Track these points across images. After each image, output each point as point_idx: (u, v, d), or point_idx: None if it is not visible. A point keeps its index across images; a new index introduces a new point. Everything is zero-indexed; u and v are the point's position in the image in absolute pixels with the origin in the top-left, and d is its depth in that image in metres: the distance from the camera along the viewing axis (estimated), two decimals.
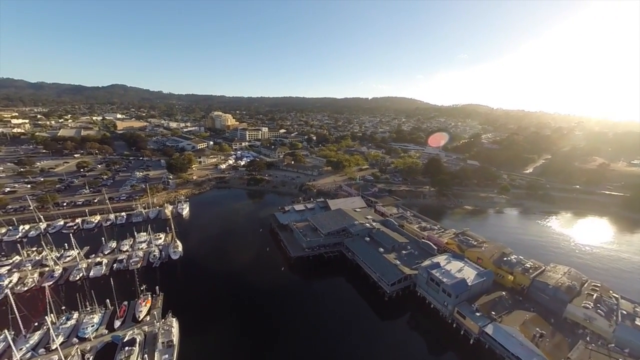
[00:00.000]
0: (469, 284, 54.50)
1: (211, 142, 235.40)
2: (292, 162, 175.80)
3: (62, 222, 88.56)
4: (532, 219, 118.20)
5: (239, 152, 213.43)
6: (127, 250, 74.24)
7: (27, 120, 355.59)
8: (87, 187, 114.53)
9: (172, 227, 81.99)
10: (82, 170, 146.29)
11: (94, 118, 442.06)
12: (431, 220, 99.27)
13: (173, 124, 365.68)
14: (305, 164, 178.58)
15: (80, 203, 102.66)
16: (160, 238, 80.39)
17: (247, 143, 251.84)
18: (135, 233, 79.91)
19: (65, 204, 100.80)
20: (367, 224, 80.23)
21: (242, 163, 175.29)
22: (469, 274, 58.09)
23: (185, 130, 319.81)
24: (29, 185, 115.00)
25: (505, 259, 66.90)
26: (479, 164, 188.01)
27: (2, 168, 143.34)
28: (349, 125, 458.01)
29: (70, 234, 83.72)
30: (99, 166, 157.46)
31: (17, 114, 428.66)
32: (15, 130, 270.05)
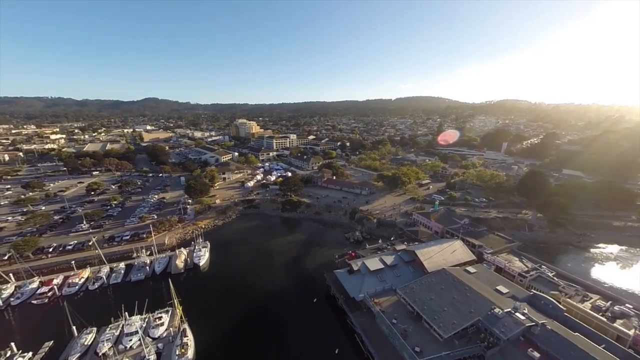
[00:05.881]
0: None
1: (236, 153, 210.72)
2: (333, 177, 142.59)
3: (36, 284, 62.25)
4: None
5: (267, 164, 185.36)
6: (103, 355, 44.53)
7: (63, 135, 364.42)
8: (84, 221, 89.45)
9: (181, 315, 51.39)
10: (92, 193, 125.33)
11: (125, 130, 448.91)
12: (587, 281, 59.80)
13: (198, 134, 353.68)
14: (349, 179, 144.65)
15: (70, 247, 77.10)
16: (162, 324, 50.09)
17: (274, 153, 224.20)
18: (127, 315, 50.57)
19: (51, 249, 75.67)
20: (518, 314, 43.23)
21: (272, 178, 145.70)
22: None
23: (209, 139, 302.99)
24: (22, 218, 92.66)
25: None
26: (584, 174, 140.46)
27: (10, 192, 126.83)
28: (380, 128, 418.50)
29: (40, 306, 57.71)
30: (113, 187, 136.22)
31: (58, 129, 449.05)
32: (47, 146, 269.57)
